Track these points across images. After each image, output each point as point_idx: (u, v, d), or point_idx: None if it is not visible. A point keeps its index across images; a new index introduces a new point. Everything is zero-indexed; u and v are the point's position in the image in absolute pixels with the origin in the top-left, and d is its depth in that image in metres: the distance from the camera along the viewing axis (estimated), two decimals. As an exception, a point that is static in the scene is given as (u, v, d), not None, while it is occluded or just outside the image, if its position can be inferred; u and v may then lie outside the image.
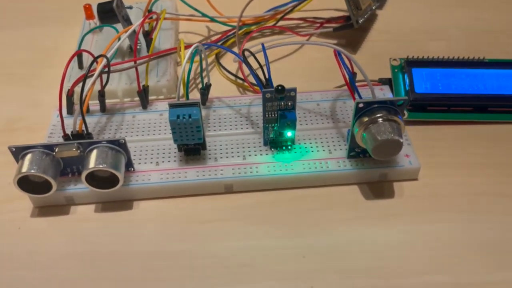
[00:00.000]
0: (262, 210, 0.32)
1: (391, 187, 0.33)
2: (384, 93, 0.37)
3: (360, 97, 0.32)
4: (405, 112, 0.36)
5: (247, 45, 0.41)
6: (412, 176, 0.33)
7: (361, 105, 0.30)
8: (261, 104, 0.31)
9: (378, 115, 0.30)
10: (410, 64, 0.38)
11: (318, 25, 0.46)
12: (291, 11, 0.44)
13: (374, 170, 0.32)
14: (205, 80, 0.37)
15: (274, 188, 0.33)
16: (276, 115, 0.32)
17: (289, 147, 0.33)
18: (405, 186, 0.33)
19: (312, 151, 0.33)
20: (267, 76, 0.33)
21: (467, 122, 0.37)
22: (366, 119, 0.30)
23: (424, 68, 0.37)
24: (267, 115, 0.32)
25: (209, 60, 0.43)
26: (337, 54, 0.32)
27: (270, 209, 0.32)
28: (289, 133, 0.33)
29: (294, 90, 0.31)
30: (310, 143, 0.34)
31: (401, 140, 0.29)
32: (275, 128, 0.33)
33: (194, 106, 0.30)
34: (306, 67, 0.42)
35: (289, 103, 0.31)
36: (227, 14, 0.44)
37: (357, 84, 0.38)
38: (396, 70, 0.38)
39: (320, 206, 0.32)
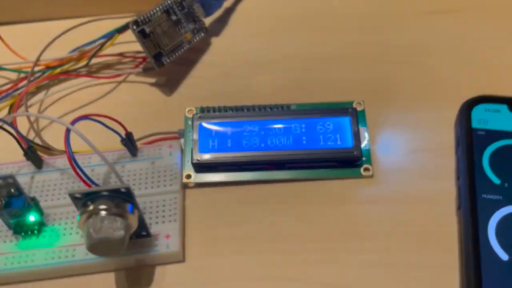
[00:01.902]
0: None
1: (151, 273, 0.29)
2: (171, 152, 0.33)
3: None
4: (191, 173, 0.32)
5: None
6: (175, 258, 0.29)
7: (77, 195, 0.25)
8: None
9: (101, 206, 0.25)
10: (199, 118, 0.33)
11: (140, 60, 0.41)
12: (100, 49, 0.39)
13: (126, 257, 0.28)
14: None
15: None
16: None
17: (37, 231, 0.29)
18: (168, 270, 0.29)
19: (64, 235, 0.29)
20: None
21: (264, 182, 0.32)
22: (90, 207, 0.26)
23: (214, 122, 0.33)
24: (-8, 203, 0.28)
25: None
26: (67, 133, 0.28)
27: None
28: (31, 217, 0.29)
29: (12, 176, 0.27)
30: (66, 223, 0.30)
31: (119, 238, 0.25)
32: (11, 213, 0.29)
33: None
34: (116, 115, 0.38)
35: (12, 190, 0.27)
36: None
37: (150, 138, 0.34)
38: (190, 123, 0.34)
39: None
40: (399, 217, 0.30)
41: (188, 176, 0.32)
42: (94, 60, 0.40)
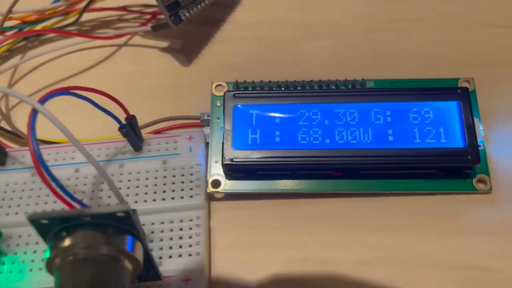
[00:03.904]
0: None
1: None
2: (191, 147, 0.23)
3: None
4: (221, 179, 0.22)
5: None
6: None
7: (44, 220, 0.15)
8: None
9: (82, 244, 0.15)
10: (233, 98, 0.23)
11: (149, 16, 0.30)
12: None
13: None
14: None
15: None
16: None
17: (-11, 265, 0.20)
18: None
19: (31, 270, 0.19)
20: None
21: (326, 195, 0.22)
22: (64, 243, 0.16)
23: (255, 104, 0.22)
24: None
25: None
26: (32, 116, 0.17)
27: None
28: (-21, 244, 0.19)
29: None
30: (34, 252, 0.20)
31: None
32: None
33: None
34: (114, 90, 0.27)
35: None
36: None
37: (162, 125, 0.24)
38: (218, 104, 0.24)
39: None
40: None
41: (216, 184, 0.22)
42: (87, 15, 0.30)
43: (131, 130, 0.21)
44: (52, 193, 0.17)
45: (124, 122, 0.21)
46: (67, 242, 0.15)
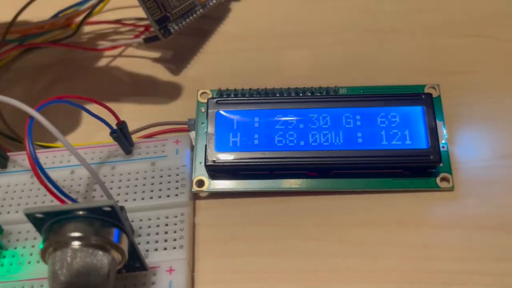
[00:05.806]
0: None
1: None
2: (178, 150, 0.25)
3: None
4: (204, 179, 0.24)
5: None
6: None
7: (38, 215, 0.17)
8: None
9: (73, 234, 0.17)
10: (216, 104, 0.25)
11: (142, 29, 0.33)
12: (90, 13, 0.31)
13: (113, 298, 0.20)
14: None
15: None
16: None
17: (-9, 258, 0.22)
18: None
19: (29, 263, 0.21)
20: None
21: (301, 193, 0.24)
22: (59, 234, 0.18)
23: (236, 110, 0.24)
24: None
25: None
26: (29, 122, 0.19)
27: None
28: (-19, 239, 0.21)
29: None
30: (33, 246, 0.22)
31: (100, 280, 0.17)
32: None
33: None
34: (109, 98, 0.30)
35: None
36: None
37: (151, 130, 0.26)
38: (203, 110, 0.26)
39: None
40: (493, 250, 0.22)
41: (200, 183, 0.24)
42: (84, 28, 0.32)
43: (121, 134, 0.23)
44: (48, 192, 0.19)
45: (115, 127, 0.23)
46: (59, 233, 0.17)
